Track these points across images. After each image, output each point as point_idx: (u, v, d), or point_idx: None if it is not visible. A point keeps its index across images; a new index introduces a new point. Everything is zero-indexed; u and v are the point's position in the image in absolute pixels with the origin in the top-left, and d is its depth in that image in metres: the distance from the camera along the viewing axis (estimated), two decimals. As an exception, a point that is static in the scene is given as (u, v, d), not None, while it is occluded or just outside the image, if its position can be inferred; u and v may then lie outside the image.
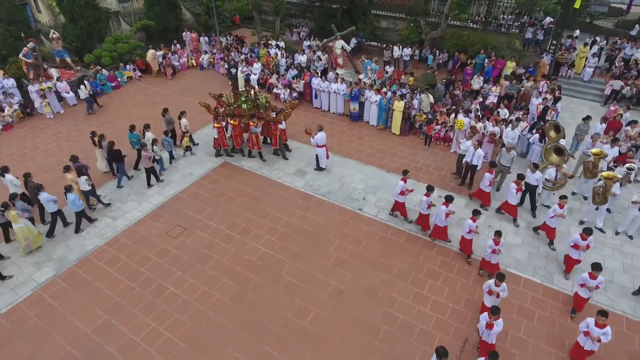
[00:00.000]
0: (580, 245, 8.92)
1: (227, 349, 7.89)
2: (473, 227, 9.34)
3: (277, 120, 12.75)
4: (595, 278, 8.01)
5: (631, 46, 18.13)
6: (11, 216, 9.52)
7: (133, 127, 12.63)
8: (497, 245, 8.71)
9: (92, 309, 8.66)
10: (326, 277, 9.38)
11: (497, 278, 7.72)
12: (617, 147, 12.01)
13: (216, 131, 13.03)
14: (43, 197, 10.09)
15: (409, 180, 11.03)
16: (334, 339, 8.09)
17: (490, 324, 7.01)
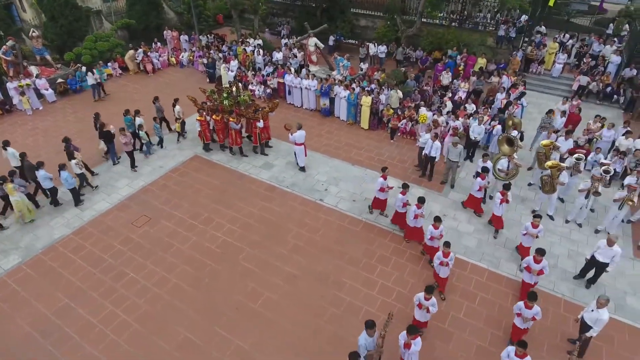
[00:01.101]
0: (531, 232, 9.23)
1: (178, 330, 8.30)
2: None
3: (255, 118, 13.06)
4: (539, 262, 8.26)
5: (599, 43, 18.55)
6: (8, 189, 10.43)
7: (127, 112, 13.37)
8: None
9: (54, 294, 9.06)
10: (281, 264, 9.79)
11: (426, 291, 7.43)
12: (571, 139, 12.44)
13: (199, 124, 13.49)
14: (40, 174, 10.90)
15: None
16: (283, 320, 8.50)
17: (407, 343, 6.71)
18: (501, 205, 10.14)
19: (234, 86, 13.72)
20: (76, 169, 11.50)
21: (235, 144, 13.46)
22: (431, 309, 7.51)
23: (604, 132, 13.12)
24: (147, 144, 13.50)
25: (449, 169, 12.22)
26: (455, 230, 10.78)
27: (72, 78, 17.61)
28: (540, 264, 8.25)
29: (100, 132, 12.93)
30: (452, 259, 8.47)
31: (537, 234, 9.25)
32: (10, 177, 10.59)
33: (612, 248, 8.61)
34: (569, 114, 13.94)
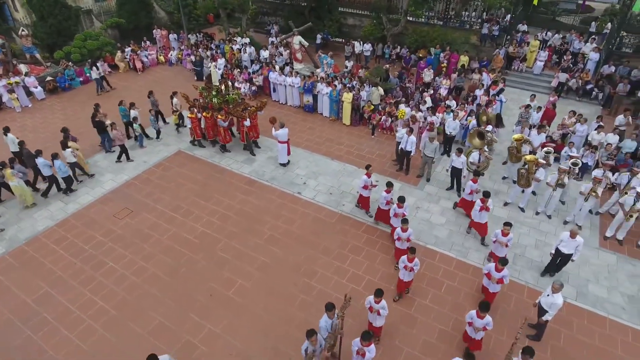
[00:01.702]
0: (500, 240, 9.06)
1: (153, 315, 8.61)
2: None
3: (242, 116, 13.29)
4: (500, 271, 8.13)
5: (579, 40, 18.88)
6: (7, 174, 11.03)
7: (121, 102, 14.14)
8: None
9: (35, 282, 9.37)
10: (256, 254, 10.11)
11: (375, 295, 7.31)
12: (543, 134, 12.77)
13: (189, 121, 13.80)
14: (40, 162, 11.49)
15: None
16: (254, 306, 8.82)
17: (361, 352, 6.49)
18: (480, 212, 9.92)
19: (223, 84, 13.99)
20: (70, 157, 11.96)
21: (224, 141, 13.73)
22: (382, 312, 7.41)
23: (577, 127, 13.44)
24: (140, 136, 14.03)
25: (425, 163, 12.54)
26: (427, 222, 11.11)
27: (61, 76, 17.93)
28: (501, 272, 8.12)
29: (93, 122, 13.56)
30: (417, 265, 8.39)
31: (507, 243, 8.98)
32: (10, 164, 11.27)
33: (575, 239, 8.81)
34: (545, 110, 14.25)
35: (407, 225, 9.03)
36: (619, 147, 12.74)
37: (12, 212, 11.44)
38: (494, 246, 9.37)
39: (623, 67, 17.21)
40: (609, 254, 10.26)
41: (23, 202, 11.43)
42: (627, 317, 8.74)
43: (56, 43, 19.48)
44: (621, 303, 9.04)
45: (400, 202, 9.67)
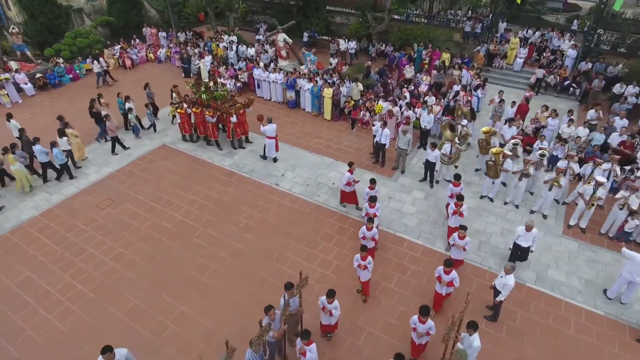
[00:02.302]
0: (458, 243, 9.00)
1: (129, 298, 9.03)
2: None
3: (228, 113, 13.56)
4: (449, 273, 8.04)
5: (558, 38, 19.29)
6: (9, 158, 11.70)
7: (118, 94, 14.85)
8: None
9: (17, 268, 9.78)
10: (231, 241, 10.52)
11: (327, 295, 7.36)
12: (514, 127, 13.17)
13: (179, 116, 14.17)
14: (37, 149, 12.08)
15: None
16: (226, 289, 9.23)
17: (302, 350, 6.60)
18: (454, 216, 9.81)
19: (212, 81, 14.30)
20: (65, 145, 12.43)
21: (213, 136, 14.08)
22: (334, 312, 7.48)
23: (549, 121, 13.85)
24: (135, 126, 14.68)
25: (399, 155, 12.94)
26: (398, 211, 11.52)
27: (51, 73, 18.33)
28: (449, 275, 8.05)
29: (90, 112, 14.24)
30: (371, 263, 8.41)
31: (465, 247, 8.93)
32: (11, 149, 11.92)
33: (531, 232, 9.05)
34: (519, 105, 14.65)
35: (372, 224, 9.06)
36: (589, 140, 13.15)
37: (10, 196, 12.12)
38: (452, 250, 9.29)
39: (599, 63, 17.62)
40: (571, 241, 10.67)
41: (22, 186, 12.02)
42: (583, 299, 9.15)
43: (47, 41, 19.89)
44: (578, 287, 9.45)
45: (371, 202, 9.62)
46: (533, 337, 8.38)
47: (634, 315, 8.80)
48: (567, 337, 8.40)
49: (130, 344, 7.98)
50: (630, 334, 8.47)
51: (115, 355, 6.48)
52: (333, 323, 7.81)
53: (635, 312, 8.87)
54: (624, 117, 13.62)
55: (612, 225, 10.70)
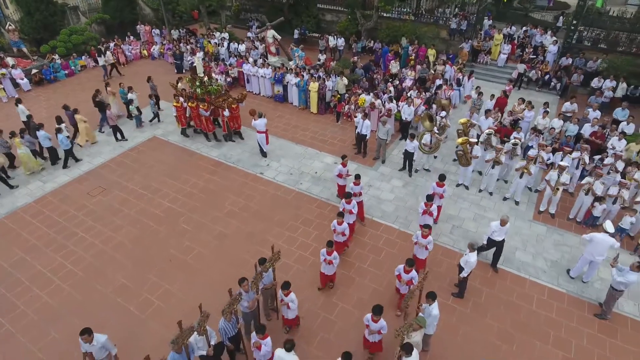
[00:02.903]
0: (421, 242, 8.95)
1: (116, 277, 9.54)
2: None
3: (221, 107, 13.99)
4: (408, 272, 8.07)
5: (540, 34, 19.81)
6: (16, 142, 12.40)
7: (120, 84, 15.65)
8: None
9: (12, 249, 10.29)
10: (215, 225, 11.04)
11: (283, 288, 7.53)
12: (490, 119, 13.68)
13: (174, 110, 14.62)
14: (40, 134, 12.84)
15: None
16: (208, 270, 9.73)
17: (258, 344, 6.79)
18: (423, 216, 9.86)
19: (207, 76, 14.73)
20: (65, 132, 13.04)
21: (207, 130, 14.53)
22: (291, 305, 7.62)
23: (525, 113, 14.37)
24: (136, 117, 15.32)
25: (379, 145, 13.46)
26: (377, 198, 12.04)
27: (47, 69, 18.83)
28: (409, 274, 8.08)
29: (94, 102, 14.87)
30: (337, 258, 8.55)
31: (427, 245, 8.86)
32: (20, 133, 12.67)
33: (504, 227, 9.11)
34: (498, 98, 15.16)
35: (343, 218, 9.26)
36: (564, 131, 13.66)
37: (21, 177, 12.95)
38: (415, 248, 9.20)
39: (579, 59, 18.14)
40: (540, 226, 11.19)
41: (28, 169, 12.78)
42: (547, 278, 9.67)
43: (42, 38, 20.42)
44: (543, 267, 9.97)
45: (347, 199, 9.69)
46: (496, 312, 8.90)
47: (594, 293, 9.32)
48: (528, 312, 8.91)
49: (118, 318, 8.58)
50: (589, 310, 8.98)
51: (93, 338, 6.65)
52: (292, 317, 7.90)
53: (595, 290, 9.38)
54: (597, 109, 14.12)
55: (579, 211, 11.22)
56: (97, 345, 6.72)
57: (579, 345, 8.27)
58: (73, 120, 14.10)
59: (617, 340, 8.38)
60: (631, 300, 9.17)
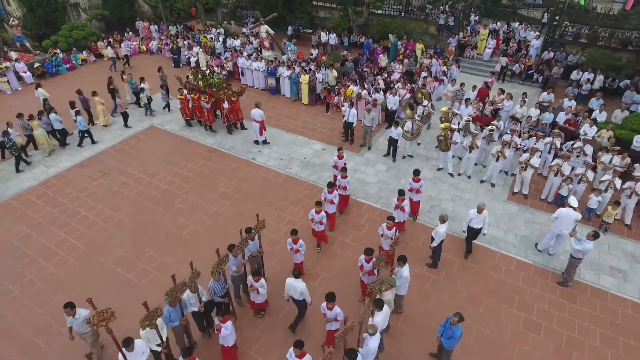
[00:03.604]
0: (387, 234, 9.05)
1: (116, 250, 10.29)
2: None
3: (221, 99, 14.55)
4: (369, 262, 8.13)
5: (524, 29, 20.58)
6: (34, 124, 13.47)
7: (130, 75, 17.00)
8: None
9: (18, 227, 11.04)
10: (209, 205, 11.79)
11: (253, 275, 7.87)
12: (470, 107, 14.44)
13: (179, 102, 15.30)
14: (52, 117, 13.86)
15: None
16: (203, 245, 10.46)
17: (218, 327, 7.10)
18: (396, 211, 10.00)
19: (209, 69, 15.38)
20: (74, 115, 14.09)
21: (208, 121, 15.17)
22: (261, 291, 7.96)
23: (504, 103, 15.13)
24: (146, 105, 16.19)
25: (366, 132, 14.22)
26: (362, 181, 12.79)
27: (49, 63, 19.58)
28: (370, 263, 8.16)
29: (108, 88, 16.08)
30: (303, 247, 8.82)
31: (393, 237, 8.76)
32: (38, 116, 13.77)
33: (481, 214, 9.55)
34: (479, 89, 15.93)
35: (321, 207, 9.46)
36: (540, 119, 14.42)
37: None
38: (382, 240, 9.33)
39: (560, 52, 18.91)
40: (514, 205, 11.95)
41: (45, 149, 13.84)
42: (516, 251, 10.43)
43: (44, 33, 21.17)
44: (513, 241, 10.73)
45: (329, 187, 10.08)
46: (467, 280, 9.66)
47: (559, 264, 10.08)
48: (496, 280, 9.67)
49: (118, 286, 9.35)
50: (552, 278, 9.75)
51: (76, 312, 7.05)
52: (261, 301, 8.23)
53: (560, 262, 10.14)
54: (572, 99, 14.88)
55: (550, 192, 11.98)
56: (79, 320, 7.12)
57: (541, 309, 9.03)
58: (86, 105, 15.21)
59: (577, 305, 9.14)
60: (592, 270, 9.94)
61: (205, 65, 15.28)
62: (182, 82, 15.27)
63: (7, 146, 12.93)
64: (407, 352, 8.14)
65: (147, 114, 16.33)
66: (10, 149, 12.95)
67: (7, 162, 13.64)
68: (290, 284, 7.82)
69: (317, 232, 9.96)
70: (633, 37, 18.59)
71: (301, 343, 6.42)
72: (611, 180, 10.92)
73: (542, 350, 8.21)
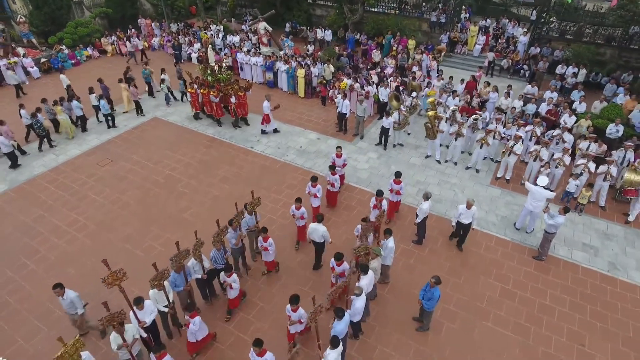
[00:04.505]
0: None
1: (123, 229, 11.06)
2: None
3: (229, 94, 15.13)
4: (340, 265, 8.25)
5: (512, 26, 21.36)
6: (57, 110, 14.55)
7: (145, 64, 18.50)
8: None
9: (31, 209, 11.79)
10: (209, 189, 12.56)
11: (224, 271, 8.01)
12: (457, 98, 15.23)
13: (189, 95, 16.01)
14: (74, 104, 15.02)
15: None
16: (204, 223, 11.19)
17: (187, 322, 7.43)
18: (374, 210, 9.95)
19: (217, 65, 16.05)
20: (94, 101, 15.36)
21: (217, 115, 15.83)
22: (234, 285, 8.14)
23: (490, 95, 15.91)
24: (167, 95, 17.22)
25: (358, 123, 14.99)
26: (354, 167, 13.56)
27: (55, 58, 20.32)
28: (340, 267, 8.30)
29: (125, 77, 17.08)
30: (272, 245, 9.01)
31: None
32: (60, 102, 14.73)
33: (470, 210, 9.72)
34: (467, 82, 16.72)
35: (301, 204, 9.76)
36: (524, 110, 15.20)
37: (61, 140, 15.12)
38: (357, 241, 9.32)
39: (546, 48, 19.70)
40: (496, 189, 12.74)
41: (68, 134, 14.91)
42: (496, 230, 11.21)
43: (50, 30, 21.90)
44: (494, 221, 11.51)
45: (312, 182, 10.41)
46: (449, 254, 10.43)
47: (535, 241, 10.84)
48: (476, 255, 10.45)
49: (126, 260, 10.07)
50: (529, 254, 10.52)
51: (64, 293, 7.46)
52: (233, 296, 8.34)
53: (536, 239, 10.90)
54: (554, 91, 15.66)
55: (530, 176, 12.75)
56: (66, 300, 7.57)
57: (517, 280, 9.81)
58: (107, 93, 16.09)
59: (549, 276, 9.92)
60: (566, 246, 10.73)
61: (214, 61, 16.02)
62: (193, 77, 15.97)
63: (35, 127, 13.99)
64: (393, 316, 8.91)
65: (168, 103, 17.31)
66: (38, 130, 14.02)
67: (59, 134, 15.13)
68: (314, 227, 9.12)
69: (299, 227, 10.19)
70: (616, 34, 19.37)
71: (260, 342, 6.54)
72: (585, 164, 11.69)
73: (515, 316, 8.98)
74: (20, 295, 9.29)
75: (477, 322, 8.83)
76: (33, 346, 8.30)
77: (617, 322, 8.87)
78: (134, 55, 21.80)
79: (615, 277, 9.89)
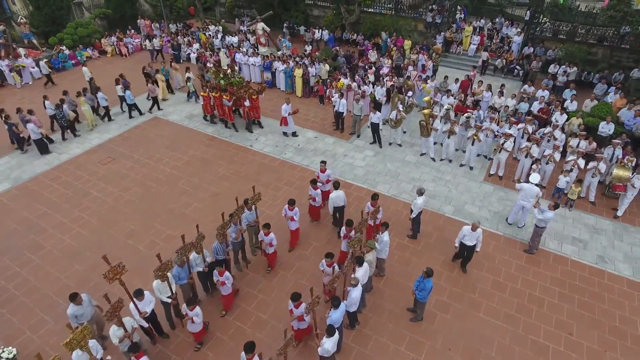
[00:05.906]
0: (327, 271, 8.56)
1: (126, 225, 11.34)
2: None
3: (242, 97, 15.26)
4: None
5: (507, 26, 21.73)
6: (81, 101, 15.27)
7: (163, 64, 19.24)
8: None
9: (35, 206, 12.06)
10: (210, 186, 12.85)
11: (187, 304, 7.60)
12: (451, 97, 15.56)
13: (201, 99, 16.11)
14: (99, 95, 16.02)
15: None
16: (203, 219, 11.43)
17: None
18: (344, 240, 9.40)
19: (230, 69, 16.26)
20: (120, 91, 16.21)
21: (229, 119, 15.78)
22: (196, 320, 7.67)
23: (484, 94, 16.26)
24: (193, 92, 17.89)
25: (355, 121, 15.31)
26: (350, 165, 13.88)
27: (56, 59, 20.56)
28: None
29: (143, 73, 17.94)
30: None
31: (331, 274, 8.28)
32: (83, 93, 15.46)
33: (475, 232, 9.37)
34: (462, 81, 17.06)
35: (294, 205, 9.86)
36: (516, 108, 15.54)
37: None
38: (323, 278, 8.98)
39: (540, 48, 20.06)
40: (489, 186, 13.07)
41: (88, 124, 15.72)
42: (488, 224, 11.53)
43: (50, 31, 22.14)
44: (487, 216, 11.84)
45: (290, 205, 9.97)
46: (444, 249, 10.74)
47: (526, 235, 11.16)
48: (470, 248, 10.75)
49: (129, 255, 10.36)
50: (520, 247, 10.85)
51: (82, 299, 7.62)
52: (196, 330, 7.92)
53: (527, 234, 11.21)
54: (546, 90, 16.01)
55: (522, 173, 13.09)
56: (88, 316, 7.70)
57: (507, 272, 10.14)
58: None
59: (539, 269, 10.25)
60: (556, 239, 11.07)
61: (226, 65, 16.32)
62: (204, 81, 16.21)
63: (59, 117, 14.67)
64: (388, 308, 9.22)
65: (196, 101, 17.85)
66: (61, 120, 14.71)
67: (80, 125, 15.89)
68: (336, 195, 10.37)
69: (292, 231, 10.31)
70: (608, 34, 19.75)
71: (252, 347, 6.51)
72: (575, 160, 12.03)
73: (506, 306, 9.31)
74: (26, 289, 9.56)
75: (470, 312, 9.15)
76: (40, 337, 8.57)
77: (604, 312, 9.21)
78: (158, 54, 22.36)
79: (603, 269, 10.23)
